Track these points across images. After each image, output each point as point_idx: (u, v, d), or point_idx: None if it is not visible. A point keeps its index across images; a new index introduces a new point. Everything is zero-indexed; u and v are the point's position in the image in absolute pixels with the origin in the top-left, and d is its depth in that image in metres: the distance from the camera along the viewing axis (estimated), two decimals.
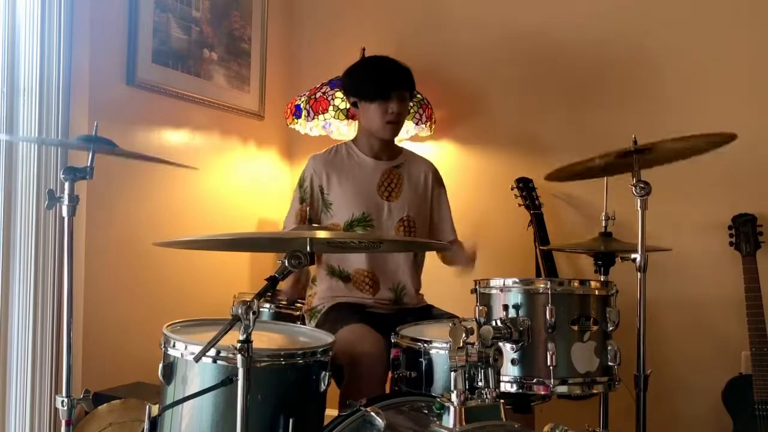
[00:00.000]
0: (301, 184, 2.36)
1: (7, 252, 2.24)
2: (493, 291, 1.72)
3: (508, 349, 1.62)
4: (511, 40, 3.11)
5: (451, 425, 1.38)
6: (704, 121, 2.76)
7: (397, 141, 2.54)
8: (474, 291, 1.77)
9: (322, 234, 1.53)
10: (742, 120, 2.72)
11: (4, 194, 2.24)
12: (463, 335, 1.40)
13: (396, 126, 2.32)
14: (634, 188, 1.89)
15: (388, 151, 2.40)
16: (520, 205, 2.87)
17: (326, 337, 1.76)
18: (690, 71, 2.82)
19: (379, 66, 2.37)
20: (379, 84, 2.29)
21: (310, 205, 2.31)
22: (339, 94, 2.85)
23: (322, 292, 2.33)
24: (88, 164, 1.71)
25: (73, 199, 1.72)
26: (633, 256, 1.91)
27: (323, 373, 1.62)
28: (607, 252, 2.18)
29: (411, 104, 2.52)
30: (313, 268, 2.39)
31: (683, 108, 2.82)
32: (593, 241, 2.23)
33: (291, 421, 1.53)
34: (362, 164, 2.36)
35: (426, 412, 1.58)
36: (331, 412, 1.64)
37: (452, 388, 1.39)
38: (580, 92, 3.01)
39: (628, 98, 2.91)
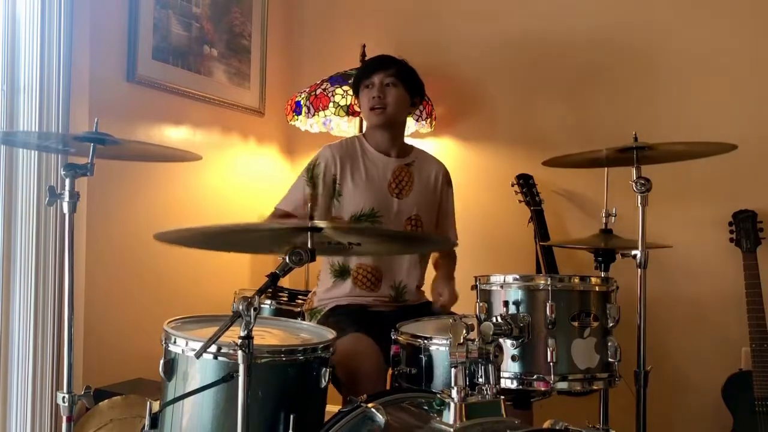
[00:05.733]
0: (312, 169, 2.28)
1: (8, 249, 2.24)
2: (494, 287, 1.71)
3: (509, 346, 1.62)
4: (511, 36, 3.10)
5: (451, 421, 1.38)
6: (704, 116, 2.78)
7: None
8: (474, 287, 1.77)
9: (323, 226, 1.52)
10: (742, 115, 2.72)
11: (4, 191, 2.24)
12: (464, 332, 1.40)
13: (381, 111, 2.27)
14: (634, 185, 1.89)
15: (396, 147, 2.36)
16: (520, 201, 2.87)
17: (327, 333, 1.76)
18: (690, 66, 2.82)
19: (368, 60, 2.46)
20: (360, 73, 2.38)
21: (317, 194, 2.23)
22: (339, 91, 2.85)
23: (322, 292, 2.32)
24: (89, 161, 1.71)
25: (74, 196, 1.71)
26: (633, 252, 1.92)
27: (324, 369, 1.62)
28: (607, 248, 2.18)
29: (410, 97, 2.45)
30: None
31: (683, 104, 2.82)
32: (594, 237, 2.23)
33: (291, 417, 1.53)
34: (374, 159, 2.33)
35: (426, 408, 1.57)
36: (331, 408, 1.64)
37: (452, 384, 1.40)
38: (580, 88, 3.01)
39: (629, 94, 2.91)
